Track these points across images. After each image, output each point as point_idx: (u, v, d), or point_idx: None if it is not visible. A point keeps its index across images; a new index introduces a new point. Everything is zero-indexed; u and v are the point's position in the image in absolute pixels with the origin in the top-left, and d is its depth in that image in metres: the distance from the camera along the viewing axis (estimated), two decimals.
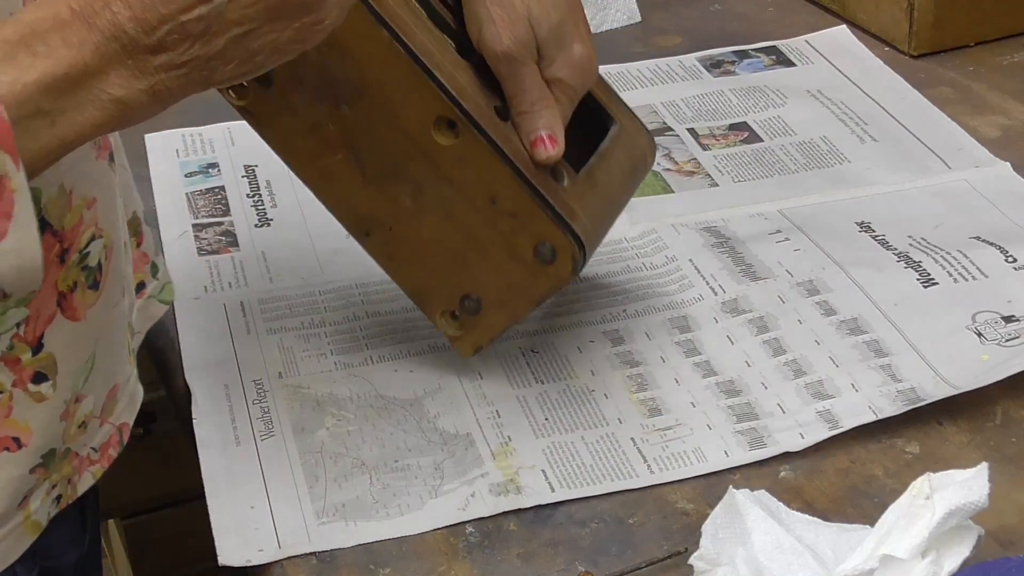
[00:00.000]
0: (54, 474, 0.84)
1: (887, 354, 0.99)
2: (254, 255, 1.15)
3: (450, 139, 0.91)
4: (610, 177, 0.99)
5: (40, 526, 0.84)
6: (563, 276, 0.94)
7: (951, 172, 1.21)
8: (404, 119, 0.91)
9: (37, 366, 0.81)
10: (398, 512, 0.90)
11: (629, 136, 1.02)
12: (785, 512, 0.81)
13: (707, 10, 1.53)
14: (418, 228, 0.95)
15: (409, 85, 0.89)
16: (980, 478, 0.76)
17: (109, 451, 0.89)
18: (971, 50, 1.41)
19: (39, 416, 0.81)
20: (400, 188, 0.93)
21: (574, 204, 0.94)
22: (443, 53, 0.91)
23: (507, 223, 0.93)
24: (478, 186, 0.92)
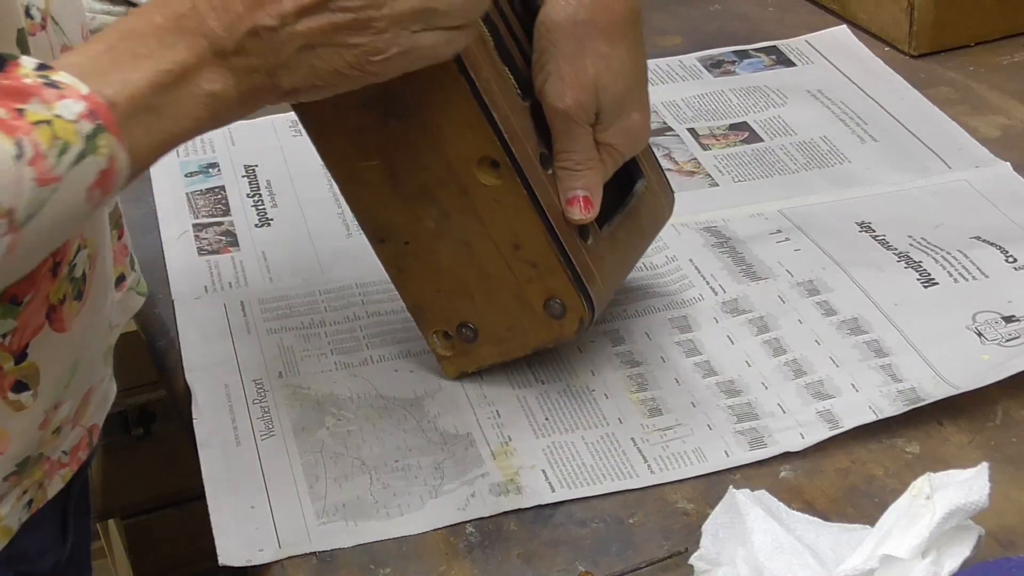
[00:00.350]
0: (26, 480, 0.84)
1: (887, 354, 0.99)
2: (254, 255, 1.15)
3: (491, 179, 0.90)
4: (630, 238, 1.00)
5: (11, 531, 0.84)
6: (566, 334, 0.95)
7: (951, 172, 1.21)
8: (450, 149, 0.90)
9: (18, 375, 0.81)
10: (398, 512, 0.90)
11: (654, 194, 1.02)
12: (785, 512, 0.81)
13: (707, 10, 1.53)
14: (435, 251, 0.94)
15: (464, 118, 0.89)
16: (980, 478, 0.76)
17: (79, 454, 0.89)
18: (971, 50, 1.41)
19: (18, 425, 0.82)
20: (427, 210, 0.93)
21: (594, 266, 0.94)
22: (504, 92, 0.90)
23: (525, 271, 0.93)
24: (506, 229, 0.92)
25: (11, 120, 0.68)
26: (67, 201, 0.70)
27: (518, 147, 0.90)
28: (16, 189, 0.67)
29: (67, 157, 0.69)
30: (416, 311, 0.98)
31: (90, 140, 0.70)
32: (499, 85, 0.90)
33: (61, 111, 0.70)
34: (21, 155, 0.68)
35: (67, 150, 0.69)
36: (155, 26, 0.76)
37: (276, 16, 0.77)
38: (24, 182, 0.68)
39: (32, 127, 0.68)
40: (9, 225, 0.68)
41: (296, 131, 1.32)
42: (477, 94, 0.88)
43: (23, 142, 0.68)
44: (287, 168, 1.27)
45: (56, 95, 0.70)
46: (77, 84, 0.71)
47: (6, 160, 0.67)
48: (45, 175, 0.68)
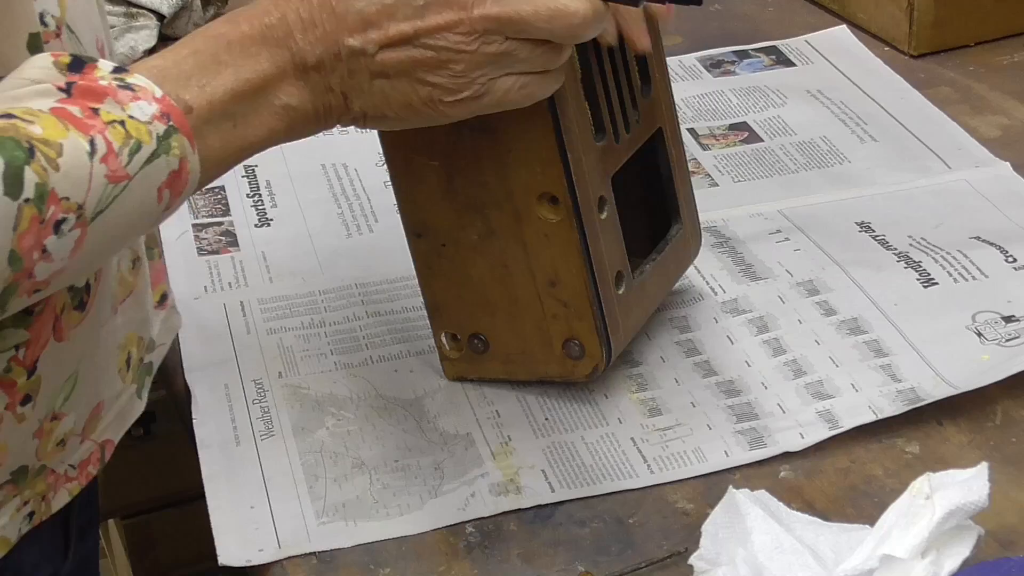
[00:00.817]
0: (26, 490, 0.84)
1: (887, 354, 0.99)
2: (254, 255, 1.15)
3: (548, 215, 0.90)
4: (657, 288, 1.00)
5: (8, 542, 0.83)
6: (577, 375, 0.95)
7: (951, 172, 1.21)
8: (515, 175, 0.90)
9: (28, 389, 0.81)
10: (398, 512, 0.90)
11: (685, 240, 1.02)
12: (785, 512, 0.81)
13: (707, 10, 1.53)
14: (470, 262, 0.94)
15: (537, 151, 0.88)
16: (980, 478, 0.76)
17: (88, 468, 0.88)
18: (971, 50, 1.41)
19: (15, 435, 0.81)
20: (474, 223, 0.92)
21: (621, 317, 0.94)
22: (582, 132, 0.89)
23: (554, 307, 0.93)
24: (547, 264, 0.92)
25: (86, 119, 0.70)
26: (137, 199, 0.72)
27: (582, 190, 0.89)
28: (88, 185, 0.69)
29: (139, 156, 0.71)
30: (433, 309, 0.98)
31: (163, 141, 0.72)
32: (579, 124, 0.89)
33: (135, 112, 0.71)
34: (94, 152, 0.69)
35: (140, 149, 0.71)
36: (241, 34, 0.78)
37: (362, 43, 0.79)
38: (96, 178, 0.69)
39: (106, 126, 0.70)
40: (78, 219, 0.69)
41: None
42: (558, 131, 0.87)
43: (96, 139, 0.69)
44: (287, 168, 1.27)
45: (130, 96, 0.72)
46: (151, 87, 0.73)
47: (80, 156, 0.69)
48: (117, 172, 0.70)
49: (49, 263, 0.69)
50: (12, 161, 0.66)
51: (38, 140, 0.68)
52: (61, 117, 0.70)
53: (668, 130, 0.99)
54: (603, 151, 0.92)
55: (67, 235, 0.69)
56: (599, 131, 0.91)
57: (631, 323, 0.97)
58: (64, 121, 0.69)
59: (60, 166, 0.68)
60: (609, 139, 0.92)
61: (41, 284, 0.70)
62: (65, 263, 0.70)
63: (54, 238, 0.68)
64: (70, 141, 0.69)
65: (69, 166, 0.68)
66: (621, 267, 0.94)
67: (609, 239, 0.93)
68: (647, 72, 0.96)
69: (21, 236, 0.67)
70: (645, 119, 0.96)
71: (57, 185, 0.68)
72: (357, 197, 1.22)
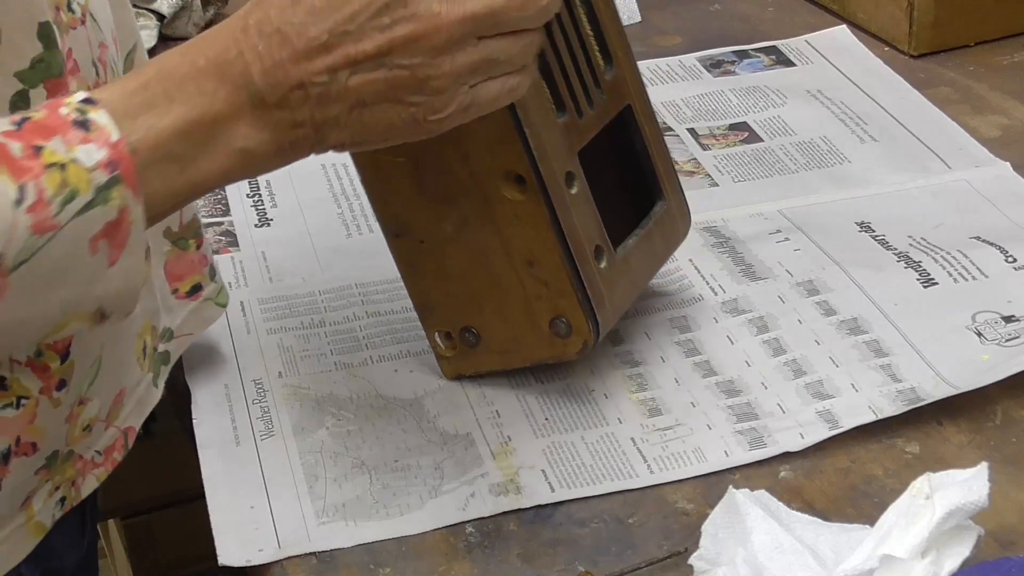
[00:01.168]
0: (56, 476, 0.84)
1: (887, 354, 0.99)
2: (254, 255, 1.15)
3: (515, 194, 0.90)
4: (642, 263, 0.99)
5: (44, 528, 0.84)
6: (568, 354, 0.95)
7: (951, 172, 1.21)
8: (478, 159, 0.90)
9: (62, 374, 0.81)
10: (398, 512, 0.90)
11: (671, 217, 1.02)
12: (785, 512, 0.81)
13: (707, 10, 1.53)
14: (449, 255, 0.94)
15: (496, 131, 0.88)
16: (980, 478, 0.76)
17: (113, 454, 0.89)
18: (971, 50, 1.41)
19: (50, 420, 0.82)
20: (447, 214, 0.93)
21: (605, 291, 0.94)
22: (539, 108, 0.89)
23: (536, 287, 0.93)
24: (523, 245, 0.92)
25: (24, 160, 0.66)
26: (64, 250, 0.68)
27: (546, 166, 0.89)
28: (9, 235, 0.65)
29: (72, 206, 0.67)
30: (422, 309, 0.98)
31: (102, 191, 0.68)
32: (535, 101, 0.89)
33: (80, 155, 0.68)
34: (21, 200, 0.66)
35: (73, 199, 0.67)
36: (196, 69, 0.73)
37: (324, 70, 0.73)
38: (18, 228, 0.66)
39: (44, 170, 0.67)
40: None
41: None
42: (512, 108, 0.87)
43: (27, 187, 0.66)
44: (287, 168, 1.26)
45: (80, 138, 0.68)
46: (111, 128, 0.69)
47: (4, 205, 0.65)
48: (43, 223, 0.66)
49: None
50: None
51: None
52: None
53: (638, 107, 0.99)
54: (566, 127, 0.92)
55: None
56: (560, 108, 0.91)
57: (617, 297, 0.96)
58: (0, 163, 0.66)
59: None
60: (571, 115, 0.92)
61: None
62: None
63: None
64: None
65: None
66: (600, 241, 0.94)
67: (583, 214, 0.93)
68: (608, 51, 0.96)
69: None
70: (611, 96, 0.96)
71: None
72: (357, 197, 1.22)
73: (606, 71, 0.96)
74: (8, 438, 0.79)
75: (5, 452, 0.79)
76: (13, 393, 0.79)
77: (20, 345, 0.73)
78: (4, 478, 0.80)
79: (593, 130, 0.95)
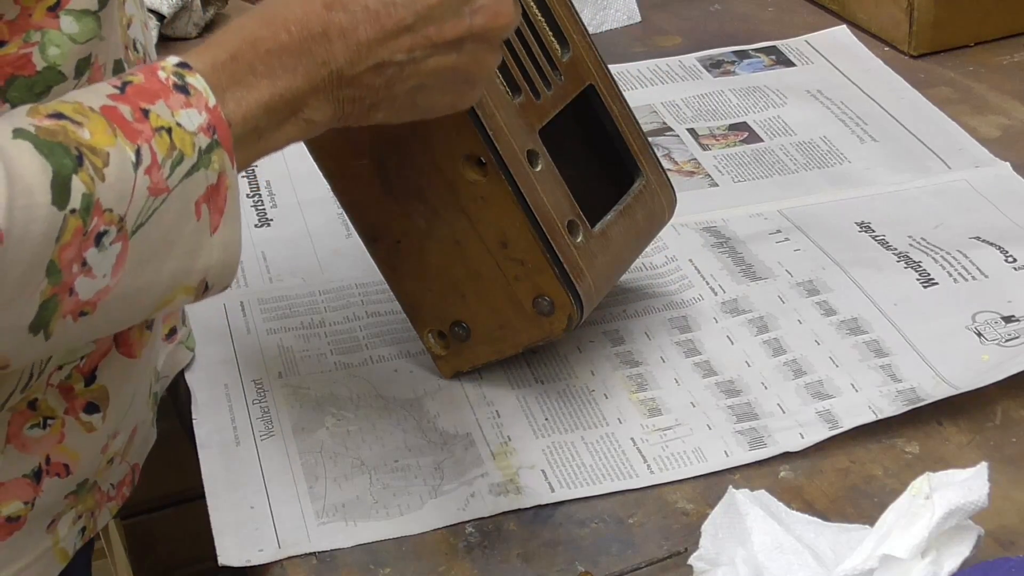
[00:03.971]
0: (80, 504, 0.85)
1: (887, 354, 0.99)
2: (254, 255, 1.15)
3: (477, 176, 0.91)
4: (624, 236, 0.99)
5: (67, 555, 0.85)
6: (556, 331, 0.95)
7: (951, 172, 1.21)
8: (436, 146, 0.90)
9: (89, 396, 0.82)
10: (398, 512, 0.90)
11: (652, 192, 1.02)
12: (785, 512, 0.81)
13: (707, 10, 1.53)
14: (426, 250, 0.95)
15: (451, 118, 0.88)
16: (980, 478, 0.76)
17: (123, 489, 0.90)
18: (971, 50, 1.41)
19: (87, 446, 0.83)
20: (417, 208, 0.93)
21: (583, 263, 0.94)
22: (490, 89, 0.90)
23: (513, 269, 0.93)
24: (493, 227, 0.92)
25: (135, 122, 0.68)
26: (174, 213, 0.70)
27: (503, 144, 0.90)
28: (130, 197, 0.67)
29: (180, 169, 0.69)
30: (410, 310, 0.98)
31: (204, 155, 0.70)
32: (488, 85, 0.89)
33: (183, 120, 0.69)
34: (139, 163, 0.68)
35: (181, 161, 0.69)
36: (280, 44, 0.73)
37: (405, 50, 0.76)
38: (139, 190, 0.68)
39: (153, 134, 0.68)
40: (119, 232, 0.67)
41: None
42: None
43: (142, 149, 0.68)
44: (287, 168, 1.27)
45: (182, 102, 0.70)
46: (207, 93, 0.71)
47: (125, 167, 0.67)
48: (157, 185, 0.68)
49: (91, 279, 0.67)
50: (60, 170, 0.65)
51: (86, 147, 0.66)
52: (110, 119, 0.68)
53: (602, 87, 0.99)
54: (522, 107, 0.92)
55: (108, 249, 0.67)
56: (515, 90, 0.92)
57: (599, 271, 0.96)
58: (113, 125, 0.68)
59: (106, 176, 0.67)
60: (527, 96, 0.93)
61: (87, 306, 0.68)
62: (108, 280, 0.68)
63: (95, 251, 0.67)
64: (117, 150, 0.67)
65: (114, 177, 0.67)
66: (573, 216, 0.94)
67: (550, 190, 0.93)
68: (562, 34, 0.97)
69: (63, 248, 0.66)
70: (569, 76, 0.97)
71: (102, 196, 0.66)
72: None
73: (563, 54, 0.97)
74: (38, 457, 0.80)
75: (36, 471, 0.80)
76: (41, 414, 0.80)
77: (135, 318, 0.74)
78: (37, 497, 0.81)
79: (553, 109, 0.95)
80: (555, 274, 0.93)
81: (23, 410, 0.79)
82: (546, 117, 0.94)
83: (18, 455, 0.79)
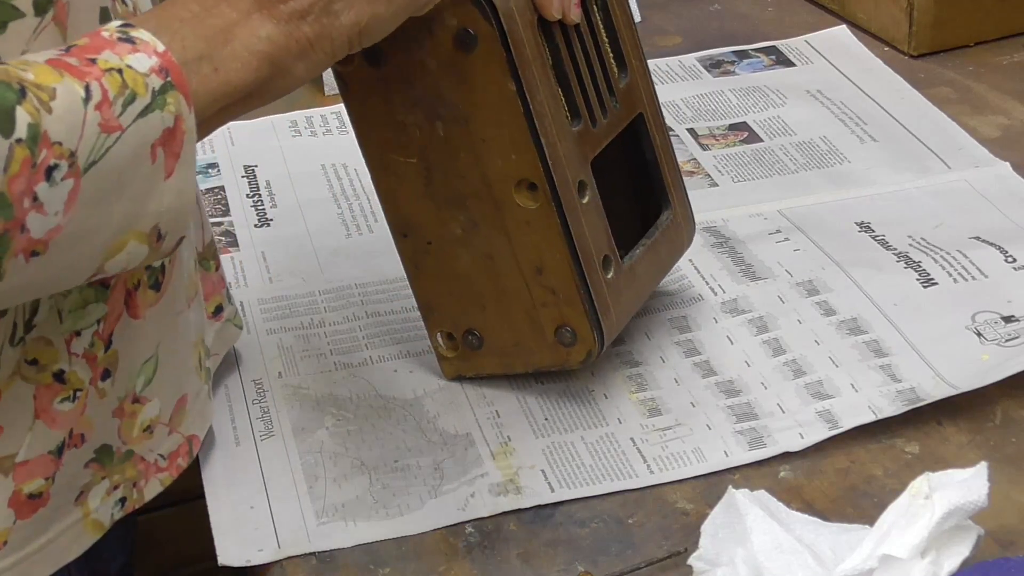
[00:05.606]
0: (115, 475, 0.85)
1: (887, 354, 0.99)
2: (254, 255, 1.15)
3: (527, 202, 0.90)
4: (648, 272, 0.99)
5: (103, 526, 0.85)
6: (572, 362, 0.95)
7: (951, 172, 1.21)
8: (491, 165, 0.90)
9: (106, 363, 0.82)
10: (398, 512, 0.90)
11: (677, 225, 1.02)
12: (785, 512, 0.81)
13: (707, 10, 1.53)
14: (456, 257, 0.94)
15: (512, 139, 0.88)
16: (980, 478, 0.76)
17: (178, 460, 0.90)
18: (971, 50, 1.41)
19: (98, 412, 0.82)
20: (456, 216, 0.92)
21: (611, 301, 0.94)
22: (555, 116, 0.89)
23: (543, 295, 0.93)
24: (532, 252, 0.92)
25: (82, 67, 0.68)
26: (129, 153, 0.69)
27: (559, 174, 0.89)
28: (80, 131, 0.67)
29: (133, 107, 0.69)
30: (425, 309, 0.98)
31: (158, 96, 0.70)
32: (552, 109, 0.89)
33: (132, 62, 0.70)
34: (89, 98, 0.67)
35: (134, 100, 0.69)
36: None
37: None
38: (89, 126, 0.67)
39: (103, 73, 0.68)
40: (70, 167, 0.67)
41: (295, 131, 1.32)
42: (529, 117, 0.88)
43: (92, 85, 0.68)
44: (286, 168, 1.27)
45: (129, 49, 0.70)
46: (154, 41, 0.71)
47: (74, 101, 0.67)
48: (110, 122, 0.68)
49: (42, 216, 0.67)
50: (3, 101, 0.65)
51: (30, 83, 0.66)
52: (56, 66, 0.68)
53: (649, 115, 0.99)
54: (580, 136, 0.92)
55: (60, 184, 0.67)
56: (574, 116, 0.91)
57: (623, 307, 0.96)
58: (59, 69, 0.68)
59: (53, 109, 0.66)
60: (585, 124, 0.92)
61: (38, 245, 0.67)
62: (60, 219, 0.67)
63: (46, 185, 0.66)
64: (64, 86, 0.67)
65: (62, 110, 0.67)
66: (608, 251, 0.94)
67: (593, 223, 0.93)
68: (623, 58, 0.96)
69: (12, 179, 0.65)
70: (624, 104, 0.96)
71: (50, 128, 0.66)
72: (357, 197, 1.22)
73: (620, 79, 0.96)
74: (63, 432, 0.80)
75: (60, 445, 0.80)
76: (71, 387, 0.80)
77: (83, 265, 0.72)
78: (57, 471, 0.81)
79: (606, 139, 0.95)
80: (584, 309, 0.92)
81: (50, 383, 0.79)
82: (599, 147, 0.94)
83: (46, 431, 0.79)
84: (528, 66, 0.87)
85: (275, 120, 1.32)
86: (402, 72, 0.89)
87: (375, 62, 0.89)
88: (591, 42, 0.93)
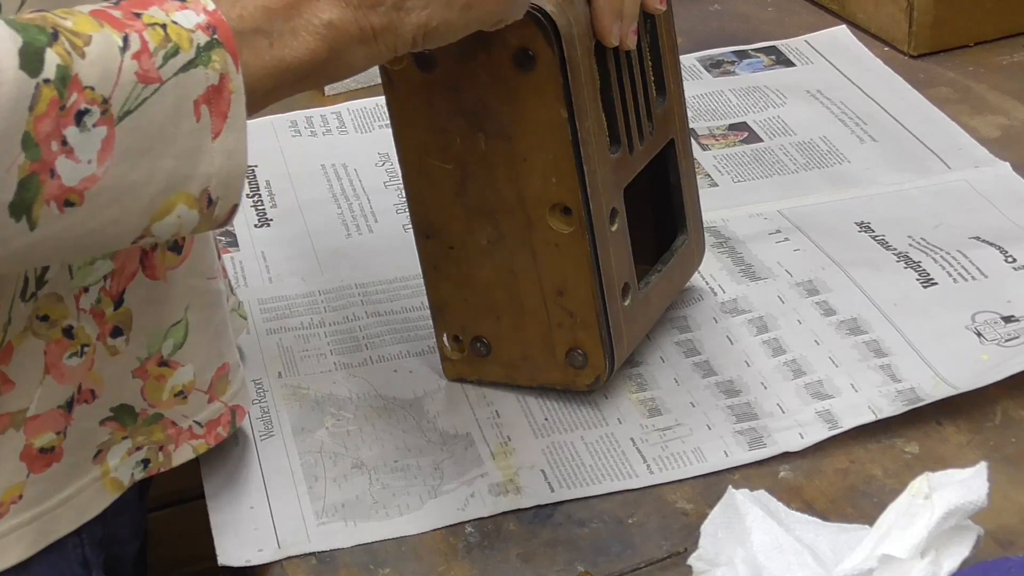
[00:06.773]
0: (139, 435, 0.85)
1: (887, 354, 0.99)
2: (253, 255, 1.15)
3: (560, 226, 0.90)
4: (660, 298, 1.00)
5: (122, 485, 0.85)
6: (579, 385, 0.95)
7: (951, 172, 1.21)
8: (529, 185, 0.89)
9: (116, 321, 0.82)
10: (398, 512, 0.90)
11: (689, 249, 1.02)
12: (784, 512, 0.81)
13: (707, 10, 1.53)
14: (478, 266, 0.94)
15: (555, 164, 0.88)
16: (979, 477, 0.76)
17: (217, 429, 0.89)
18: (971, 50, 1.41)
19: (110, 369, 0.82)
20: (484, 227, 0.92)
21: (625, 328, 0.94)
22: (598, 143, 0.89)
23: (560, 316, 0.93)
24: (556, 274, 0.92)
25: (125, 19, 0.67)
26: (170, 107, 0.67)
27: (595, 202, 0.89)
28: (116, 79, 0.66)
29: (175, 61, 0.67)
30: (437, 309, 0.98)
31: (202, 52, 0.68)
32: (597, 136, 0.89)
33: (178, 19, 0.68)
34: (126, 47, 0.66)
35: (176, 53, 0.67)
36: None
37: None
38: (125, 74, 0.66)
39: (145, 27, 0.67)
40: (103, 114, 0.66)
41: (295, 131, 1.32)
42: (576, 143, 0.87)
43: (131, 36, 0.66)
44: (287, 168, 1.27)
45: (178, 6, 0.69)
46: (206, 0, 0.69)
47: (110, 48, 0.66)
48: (148, 73, 0.67)
49: (73, 162, 0.65)
50: (32, 41, 0.64)
51: (65, 29, 0.65)
52: (98, 16, 0.67)
53: (679, 141, 0.99)
54: (617, 163, 0.92)
55: (92, 131, 0.65)
56: (614, 142, 0.91)
57: (635, 334, 0.97)
58: (99, 20, 0.66)
59: (86, 54, 0.65)
60: (623, 150, 0.92)
61: (72, 194, 0.66)
62: (94, 168, 0.66)
63: (76, 129, 0.65)
64: (101, 34, 0.66)
65: (96, 55, 0.65)
66: (628, 279, 0.94)
67: (618, 251, 0.93)
68: (663, 82, 0.96)
69: (38, 119, 0.64)
70: (659, 130, 0.96)
71: (81, 71, 0.65)
72: (357, 197, 1.22)
73: (658, 103, 0.96)
74: (72, 387, 0.81)
75: (69, 400, 0.81)
76: (79, 342, 0.80)
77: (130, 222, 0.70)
78: (68, 426, 0.81)
79: (640, 165, 0.95)
80: (600, 335, 0.92)
81: (60, 339, 0.79)
82: (632, 174, 0.94)
83: (56, 386, 0.79)
84: (581, 92, 0.87)
85: (275, 120, 1.32)
86: (451, 80, 0.88)
87: (426, 67, 0.88)
88: (637, 69, 0.93)
